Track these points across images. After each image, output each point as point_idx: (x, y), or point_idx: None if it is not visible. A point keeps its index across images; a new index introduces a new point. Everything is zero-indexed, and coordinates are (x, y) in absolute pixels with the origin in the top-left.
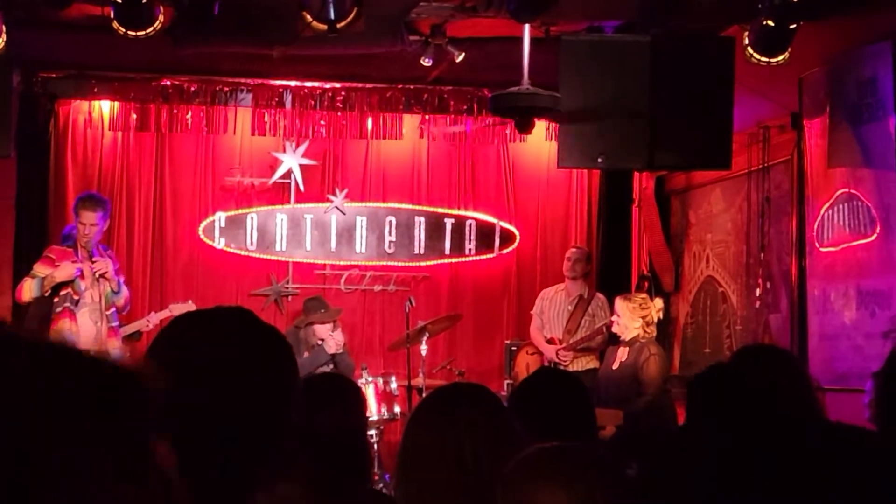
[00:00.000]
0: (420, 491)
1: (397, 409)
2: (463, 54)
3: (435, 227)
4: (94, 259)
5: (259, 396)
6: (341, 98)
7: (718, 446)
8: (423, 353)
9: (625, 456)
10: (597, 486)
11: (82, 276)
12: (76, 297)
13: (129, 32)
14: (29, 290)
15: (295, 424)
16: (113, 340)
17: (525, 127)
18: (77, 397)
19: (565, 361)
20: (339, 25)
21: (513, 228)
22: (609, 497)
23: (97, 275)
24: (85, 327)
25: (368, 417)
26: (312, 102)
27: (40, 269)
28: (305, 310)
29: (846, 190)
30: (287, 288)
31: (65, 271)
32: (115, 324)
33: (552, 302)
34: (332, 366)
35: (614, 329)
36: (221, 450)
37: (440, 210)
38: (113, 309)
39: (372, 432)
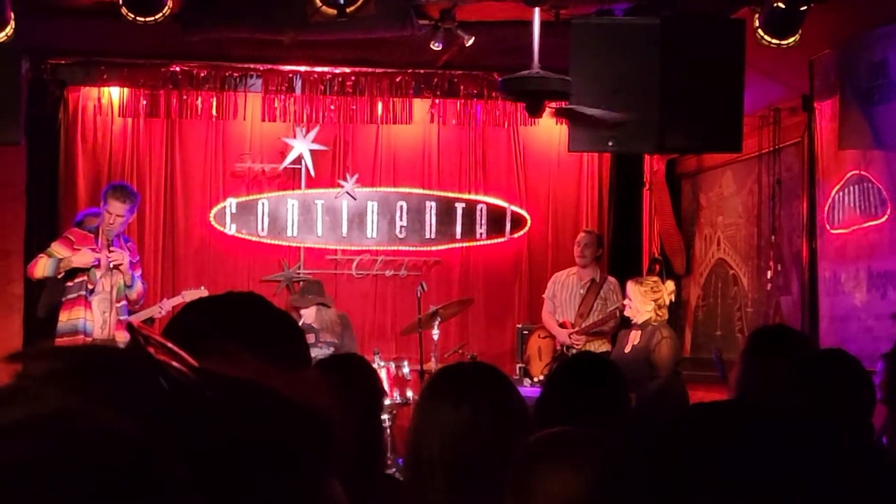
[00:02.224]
0: (431, 472)
1: (409, 394)
2: (473, 38)
3: (446, 211)
4: (111, 249)
5: (271, 381)
6: (351, 83)
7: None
8: (435, 337)
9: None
10: (606, 469)
11: (99, 266)
12: (91, 286)
13: (138, 18)
14: (43, 267)
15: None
16: (120, 332)
17: (536, 111)
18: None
19: (578, 345)
20: (348, 10)
21: (524, 212)
22: (619, 481)
23: (112, 265)
24: (94, 316)
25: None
26: (322, 88)
27: (58, 249)
28: (301, 291)
29: (857, 172)
30: (299, 274)
31: (83, 258)
32: (123, 316)
33: (564, 286)
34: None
35: (626, 312)
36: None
37: (451, 194)
38: (124, 301)
39: (384, 417)
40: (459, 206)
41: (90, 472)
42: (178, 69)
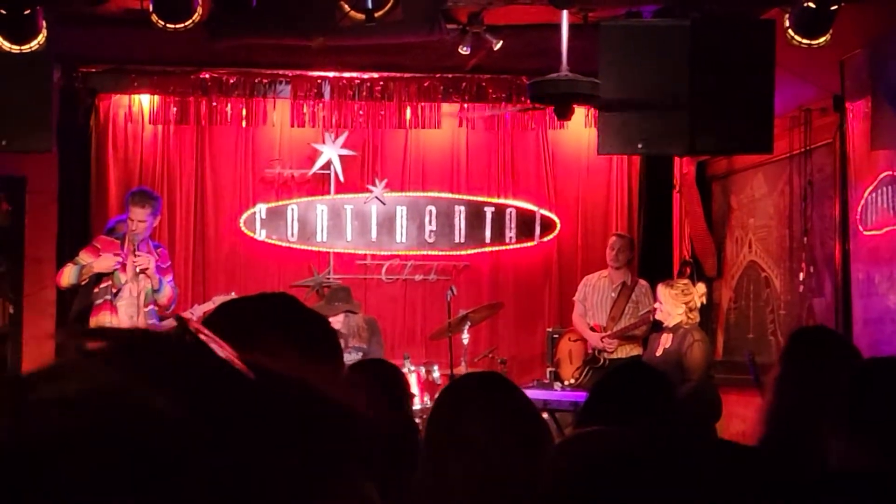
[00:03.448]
0: (442, 479)
1: None
2: (501, 42)
3: (475, 215)
4: (137, 253)
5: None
6: (379, 88)
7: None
8: (465, 341)
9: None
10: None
11: (123, 269)
12: (115, 290)
13: (168, 25)
14: (68, 275)
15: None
16: None
17: (564, 114)
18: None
19: (610, 349)
20: (376, 15)
21: (553, 216)
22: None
23: (137, 270)
24: (120, 321)
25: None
26: (351, 93)
27: (83, 256)
28: (327, 299)
29: (890, 172)
30: (329, 279)
31: (105, 263)
32: (152, 321)
33: (595, 289)
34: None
35: (657, 316)
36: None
37: (480, 198)
38: (152, 306)
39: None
40: (489, 211)
41: (125, 449)
42: (207, 76)
